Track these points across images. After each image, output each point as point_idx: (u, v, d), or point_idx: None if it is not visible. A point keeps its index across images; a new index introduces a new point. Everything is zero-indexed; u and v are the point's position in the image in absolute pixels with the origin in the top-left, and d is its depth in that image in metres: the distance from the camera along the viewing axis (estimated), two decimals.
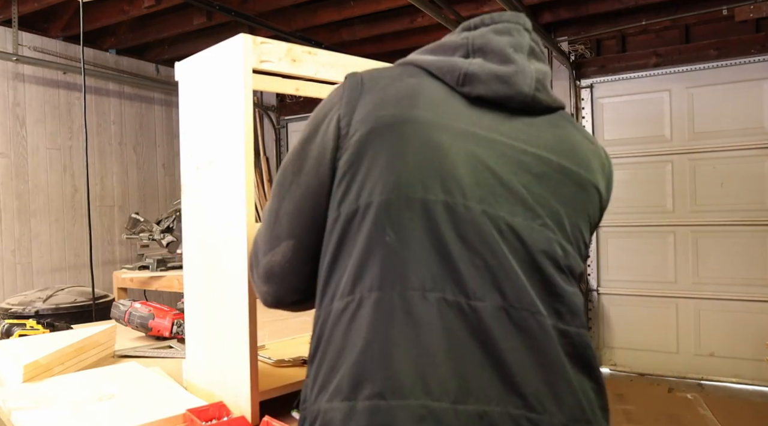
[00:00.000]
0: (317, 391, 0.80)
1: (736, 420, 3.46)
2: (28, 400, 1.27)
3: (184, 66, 1.41)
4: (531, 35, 0.89)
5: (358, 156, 0.81)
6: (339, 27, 4.53)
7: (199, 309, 1.38)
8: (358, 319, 0.77)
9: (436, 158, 0.78)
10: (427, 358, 0.74)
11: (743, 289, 3.95)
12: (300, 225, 0.88)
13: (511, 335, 0.76)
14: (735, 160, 3.96)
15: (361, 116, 0.82)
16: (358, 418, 0.73)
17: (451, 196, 0.77)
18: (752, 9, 3.67)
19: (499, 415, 0.73)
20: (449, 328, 0.75)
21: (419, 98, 0.82)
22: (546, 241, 0.81)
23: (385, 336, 0.75)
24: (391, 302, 0.76)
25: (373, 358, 0.75)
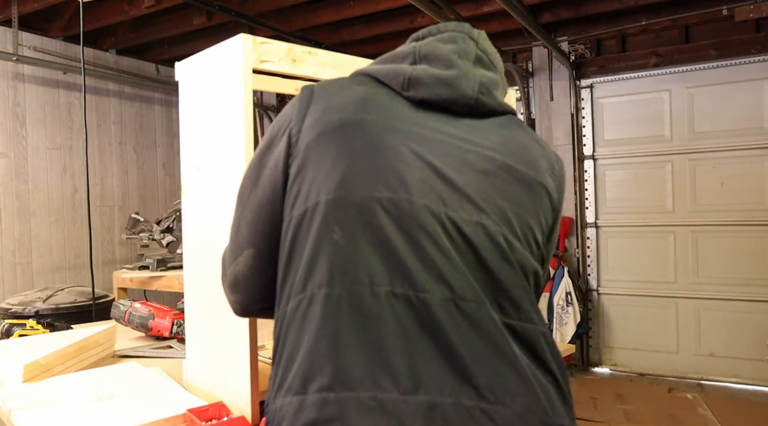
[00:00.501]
0: (275, 390, 0.81)
1: (736, 420, 3.46)
2: (28, 400, 1.26)
3: (184, 66, 1.41)
4: (478, 44, 0.92)
5: (306, 159, 0.83)
6: (339, 27, 4.53)
7: (199, 309, 1.38)
8: (308, 316, 0.79)
9: (381, 157, 0.81)
10: (375, 351, 0.74)
11: (743, 289, 3.95)
12: (258, 233, 0.90)
13: (461, 326, 0.77)
14: (735, 160, 3.96)
15: (310, 123, 0.85)
16: (308, 411, 0.74)
17: (395, 193, 0.79)
18: (752, 9, 3.67)
19: (452, 406, 0.74)
20: (398, 320, 0.76)
21: (366, 103, 0.86)
22: (489, 234, 0.82)
23: (333, 330, 0.76)
24: (339, 297, 0.77)
25: (322, 352, 0.75)
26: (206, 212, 1.34)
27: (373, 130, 0.83)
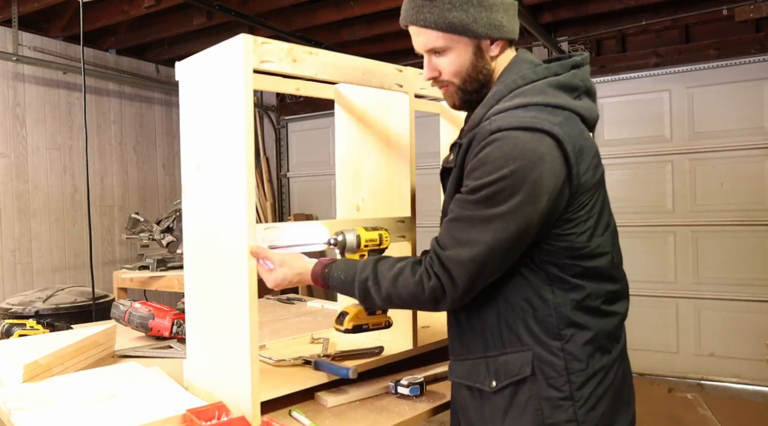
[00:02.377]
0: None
1: (736, 420, 3.46)
2: (28, 400, 1.26)
3: (184, 66, 1.41)
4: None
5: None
6: (339, 27, 4.53)
7: (199, 309, 1.38)
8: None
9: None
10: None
11: (743, 289, 3.94)
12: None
13: None
14: (735, 160, 3.96)
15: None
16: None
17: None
18: (752, 9, 3.67)
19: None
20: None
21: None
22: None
23: None
24: None
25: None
26: (207, 212, 1.34)
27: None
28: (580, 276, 1.09)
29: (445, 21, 1.09)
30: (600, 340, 1.10)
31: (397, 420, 1.28)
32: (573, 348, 1.07)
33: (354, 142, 1.73)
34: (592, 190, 1.07)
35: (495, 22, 1.10)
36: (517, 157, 0.99)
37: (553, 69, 1.11)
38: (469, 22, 1.09)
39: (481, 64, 1.14)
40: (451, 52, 1.14)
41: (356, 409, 1.34)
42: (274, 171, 5.94)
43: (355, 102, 1.72)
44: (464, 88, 1.17)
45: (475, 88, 1.17)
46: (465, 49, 1.13)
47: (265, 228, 1.25)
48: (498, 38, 1.13)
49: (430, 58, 1.17)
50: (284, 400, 1.32)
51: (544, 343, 1.07)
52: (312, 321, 2.24)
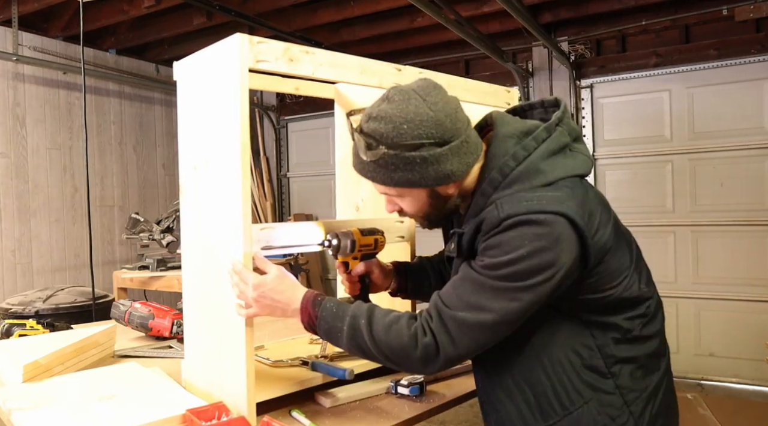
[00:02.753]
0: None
1: (736, 420, 3.46)
2: (28, 400, 1.26)
3: (182, 65, 1.41)
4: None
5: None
6: (339, 27, 4.53)
7: (197, 309, 1.38)
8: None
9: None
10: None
11: (743, 289, 3.94)
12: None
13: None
14: (735, 160, 3.96)
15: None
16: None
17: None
18: (752, 9, 3.67)
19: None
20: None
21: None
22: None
23: None
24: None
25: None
26: (204, 212, 1.34)
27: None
28: (612, 311, 1.09)
29: (391, 180, 1.09)
30: (646, 362, 1.12)
31: (397, 420, 1.28)
32: (624, 381, 1.09)
33: None
34: (610, 242, 1.08)
35: (444, 172, 1.07)
36: (534, 239, 1.00)
37: (541, 136, 1.08)
38: (415, 179, 1.07)
39: (440, 203, 1.14)
40: (406, 198, 1.14)
41: (356, 409, 1.34)
42: (274, 171, 5.94)
43: (354, 102, 1.72)
44: (429, 219, 1.19)
45: (440, 217, 1.19)
46: (420, 196, 1.12)
47: (261, 228, 1.25)
48: (451, 183, 1.10)
49: (389, 198, 1.17)
50: (284, 400, 1.32)
51: (599, 388, 1.08)
52: None
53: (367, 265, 1.37)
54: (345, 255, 1.33)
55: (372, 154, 1.07)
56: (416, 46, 4.73)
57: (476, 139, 1.12)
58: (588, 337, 1.09)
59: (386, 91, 1.11)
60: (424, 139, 1.04)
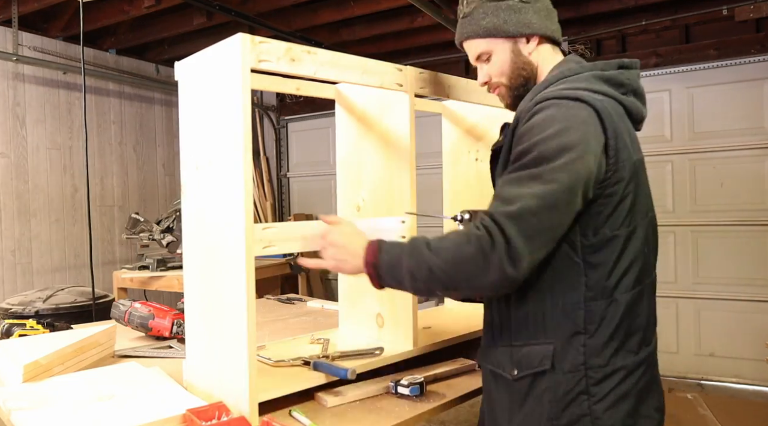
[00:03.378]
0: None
1: (736, 420, 3.46)
2: (28, 400, 1.26)
3: (183, 66, 1.41)
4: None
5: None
6: (339, 27, 4.53)
7: (198, 309, 1.38)
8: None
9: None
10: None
11: (743, 289, 3.94)
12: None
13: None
14: (735, 160, 3.96)
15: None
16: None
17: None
18: (752, 9, 3.67)
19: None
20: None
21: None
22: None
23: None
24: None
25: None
26: (206, 212, 1.34)
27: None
28: (620, 263, 1.10)
29: (481, 28, 1.26)
30: (625, 337, 1.10)
31: (397, 420, 1.28)
32: (595, 343, 1.08)
33: (354, 142, 1.73)
34: (629, 170, 1.10)
35: (524, 21, 1.24)
36: (562, 119, 1.06)
37: (600, 65, 1.20)
38: (500, 23, 1.24)
39: (521, 60, 1.27)
40: (493, 56, 1.28)
41: (356, 409, 1.34)
42: (274, 171, 5.94)
43: (355, 102, 1.72)
44: (511, 85, 1.29)
45: (520, 82, 1.28)
46: (503, 49, 1.27)
47: (263, 228, 1.25)
48: (530, 34, 1.25)
49: (481, 67, 1.32)
50: (284, 400, 1.32)
51: (567, 337, 1.09)
52: (312, 321, 2.24)
53: None
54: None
55: (469, 6, 1.29)
56: (416, 46, 4.73)
57: (555, 17, 1.30)
58: (581, 285, 1.09)
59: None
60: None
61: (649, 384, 1.15)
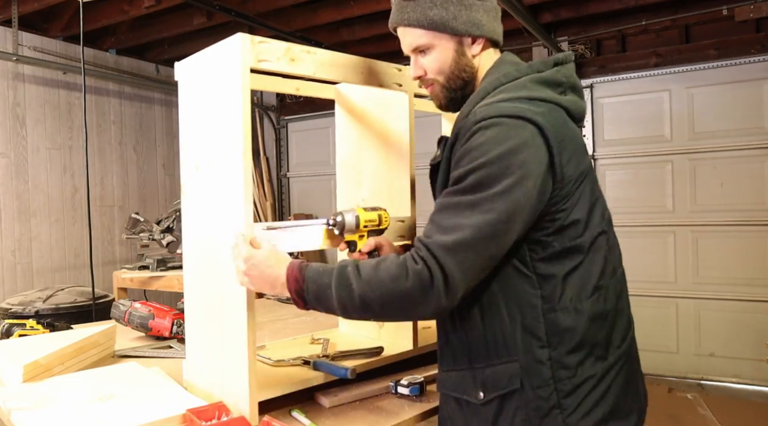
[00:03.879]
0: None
1: (736, 420, 3.46)
2: (28, 400, 1.26)
3: (183, 66, 1.41)
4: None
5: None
6: (339, 27, 4.53)
7: (198, 309, 1.38)
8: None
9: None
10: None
11: (743, 289, 3.94)
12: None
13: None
14: (735, 160, 3.96)
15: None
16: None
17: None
18: (752, 9, 3.67)
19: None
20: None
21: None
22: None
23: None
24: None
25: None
26: (206, 212, 1.34)
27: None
28: (574, 273, 1.07)
29: (426, 18, 1.16)
30: (591, 346, 1.07)
31: (397, 420, 1.28)
32: (560, 355, 1.05)
33: (354, 142, 1.73)
34: (576, 181, 1.07)
35: (474, 20, 1.16)
36: (501, 141, 1.01)
37: (536, 66, 1.15)
38: (449, 18, 1.15)
39: (463, 62, 1.19)
40: (434, 50, 1.19)
41: (356, 409, 1.34)
42: (274, 171, 5.94)
43: (355, 102, 1.72)
44: (448, 85, 1.21)
45: (458, 85, 1.21)
46: (447, 47, 1.18)
47: (263, 228, 1.25)
48: (478, 36, 1.18)
49: (416, 58, 1.22)
50: (284, 400, 1.32)
51: (531, 352, 1.06)
52: (312, 321, 2.24)
53: (377, 240, 1.36)
54: (352, 232, 1.32)
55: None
56: None
57: (501, 25, 1.23)
58: (536, 298, 1.06)
59: None
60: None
61: (625, 382, 1.12)
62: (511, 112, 1.03)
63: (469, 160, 1.03)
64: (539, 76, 1.13)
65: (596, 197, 1.13)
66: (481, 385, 1.10)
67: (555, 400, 1.04)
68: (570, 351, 1.06)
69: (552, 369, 1.05)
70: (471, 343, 1.12)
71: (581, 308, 1.07)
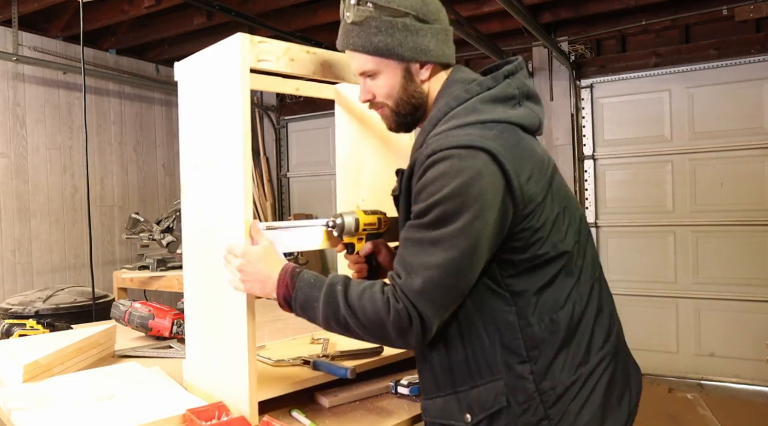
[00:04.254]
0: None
1: (736, 420, 3.46)
2: (28, 400, 1.27)
3: (183, 66, 1.41)
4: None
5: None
6: (339, 27, 4.53)
7: (198, 309, 1.38)
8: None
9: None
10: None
11: (743, 289, 3.94)
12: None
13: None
14: (735, 160, 3.96)
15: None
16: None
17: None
18: (752, 9, 3.67)
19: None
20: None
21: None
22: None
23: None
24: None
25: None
26: (205, 212, 1.34)
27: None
28: (546, 285, 1.07)
29: (371, 45, 1.13)
30: (571, 353, 1.08)
31: (397, 420, 1.28)
32: (541, 368, 1.05)
33: (354, 142, 1.73)
34: (539, 197, 1.05)
35: (421, 46, 1.13)
36: (455, 174, 1.00)
37: (486, 83, 1.12)
38: (394, 45, 1.12)
39: (411, 88, 1.17)
40: (381, 75, 1.17)
41: (356, 409, 1.34)
42: (274, 171, 5.94)
43: (355, 102, 1.72)
44: (397, 110, 1.19)
45: (408, 111, 1.19)
46: (394, 73, 1.16)
47: (263, 228, 1.24)
48: (426, 62, 1.15)
49: (364, 81, 1.20)
50: (284, 400, 1.32)
51: (513, 369, 1.06)
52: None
53: (375, 244, 1.36)
54: (350, 235, 1.32)
55: (358, 12, 1.12)
56: None
57: (452, 46, 1.18)
58: (512, 314, 1.06)
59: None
60: (409, 10, 1.11)
61: (609, 382, 1.11)
62: (462, 142, 1.02)
63: (426, 196, 1.02)
64: (489, 94, 1.10)
65: (563, 206, 1.12)
66: (467, 408, 1.09)
67: (542, 412, 1.05)
68: (550, 362, 1.06)
69: (535, 382, 1.05)
70: (453, 366, 1.11)
71: (557, 318, 1.07)
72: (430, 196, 1.01)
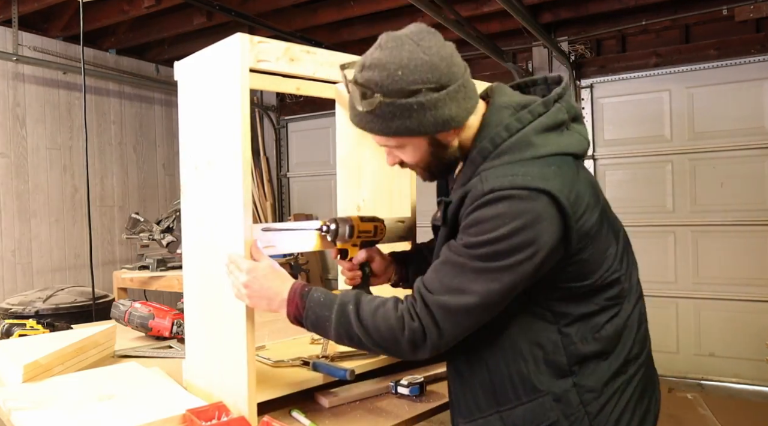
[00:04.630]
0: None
1: (736, 420, 3.46)
2: (28, 400, 1.26)
3: (182, 66, 1.41)
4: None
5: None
6: (339, 27, 4.53)
7: (198, 309, 1.38)
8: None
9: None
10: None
11: (743, 289, 3.94)
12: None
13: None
14: (735, 160, 3.96)
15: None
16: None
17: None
18: (752, 9, 3.67)
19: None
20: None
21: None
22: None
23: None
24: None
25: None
26: (205, 212, 1.34)
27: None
28: (586, 302, 1.08)
29: (390, 130, 1.06)
30: (611, 364, 1.09)
31: (397, 420, 1.28)
32: (584, 381, 1.07)
33: (354, 142, 1.73)
34: (593, 229, 1.05)
35: (442, 118, 1.05)
36: (514, 216, 0.98)
37: (537, 110, 1.07)
38: (414, 127, 1.05)
39: (441, 153, 1.12)
40: (407, 148, 1.12)
41: (356, 410, 1.34)
42: (274, 171, 5.94)
43: None
44: (431, 170, 1.17)
45: (442, 169, 1.17)
46: (420, 145, 1.10)
47: (262, 228, 1.25)
48: (451, 129, 1.08)
49: (389, 150, 1.16)
50: (284, 400, 1.32)
51: (557, 384, 1.06)
52: None
53: (369, 252, 1.35)
54: (344, 241, 1.32)
55: (368, 104, 1.03)
56: None
57: (474, 85, 1.11)
58: (554, 333, 1.07)
59: (378, 38, 1.08)
60: (420, 85, 1.01)
61: (642, 391, 1.14)
62: (523, 184, 0.98)
63: (479, 231, 1.00)
64: (541, 123, 1.06)
65: (615, 230, 1.13)
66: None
67: (587, 423, 1.06)
68: (591, 374, 1.07)
69: (579, 394, 1.06)
70: (495, 386, 1.10)
71: (599, 337, 1.08)
72: (484, 232, 0.99)
